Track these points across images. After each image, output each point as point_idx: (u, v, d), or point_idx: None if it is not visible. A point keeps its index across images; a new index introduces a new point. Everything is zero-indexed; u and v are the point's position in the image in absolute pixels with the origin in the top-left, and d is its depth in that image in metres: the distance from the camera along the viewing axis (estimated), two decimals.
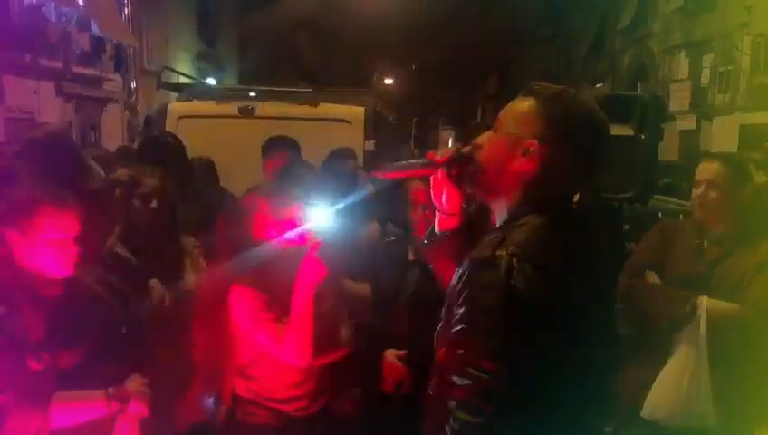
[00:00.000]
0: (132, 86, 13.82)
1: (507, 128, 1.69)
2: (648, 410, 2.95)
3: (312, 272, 2.48)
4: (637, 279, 3.08)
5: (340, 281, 2.77)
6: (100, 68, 12.84)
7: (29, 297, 2.12)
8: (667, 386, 2.91)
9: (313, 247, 2.46)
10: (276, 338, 2.54)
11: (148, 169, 3.14)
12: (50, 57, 10.97)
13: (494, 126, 1.74)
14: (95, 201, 2.71)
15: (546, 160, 1.63)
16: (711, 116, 10.56)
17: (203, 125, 6.00)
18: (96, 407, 2.23)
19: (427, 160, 1.82)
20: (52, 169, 2.78)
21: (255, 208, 2.64)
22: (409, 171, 1.92)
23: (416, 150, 11.46)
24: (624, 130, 6.51)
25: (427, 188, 1.87)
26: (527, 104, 1.68)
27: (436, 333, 1.70)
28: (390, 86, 25.94)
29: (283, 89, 6.79)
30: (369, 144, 5.90)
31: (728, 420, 2.79)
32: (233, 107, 6.02)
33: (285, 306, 2.53)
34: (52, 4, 10.58)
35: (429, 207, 1.95)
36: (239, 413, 2.73)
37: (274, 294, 2.58)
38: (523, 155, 1.64)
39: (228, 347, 2.75)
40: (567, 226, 1.67)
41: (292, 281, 2.52)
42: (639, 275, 3.09)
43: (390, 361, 3.17)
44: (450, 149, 1.81)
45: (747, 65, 9.66)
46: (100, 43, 12.64)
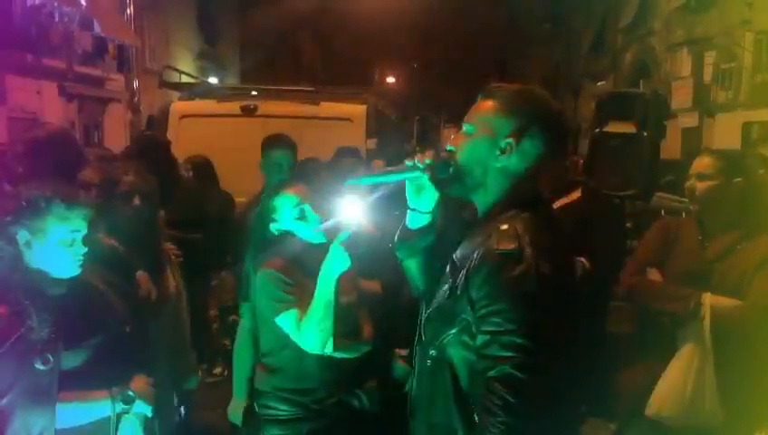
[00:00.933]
0: (135, 86, 13.83)
1: (481, 130, 1.84)
2: (653, 408, 2.94)
3: (338, 262, 2.51)
4: (639, 277, 3.08)
5: (356, 277, 2.80)
6: (102, 68, 12.87)
7: (36, 297, 2.13)
8: (672, 385, 2.89)
9: (340, 238, 2.49)
10: (297, 323, 2.58)
11: (130, 168, 3.16)
12: (52, 57, 10.99)
13: (462, 130, 1.89)
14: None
15: (526, 154, 1.82)
16: (713, 113, 10.55)
17: (205, 124, 6.02)
18: (100, 407, 2.24)
19: (408, 165, 1.90)
20: (55, 168, 2.78)
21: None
22: (393, 175, 1.97)
23: (417, 148, 11.46)
24: (626, 128, 6.53)
25: None
26: (495, 105, 1.85)
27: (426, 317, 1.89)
28: (392, 84, 25.94)
29: (284, 87, 6.80)
30: (371, 142, 5.91)
31: (732, 418, 2.78)
32: (235, 106, 6.03)
33: (309, 294, 2.57)
34: (55, 5, 10.59)
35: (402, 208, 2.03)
36: (257, 406, 2.76)
37: (301, 282, 2.62)
38: (502, 153, 1.82)
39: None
40: (547, 213, 1.92)
41: (317, 269, 2.56)
42: (641, 272, 3.09)
43: (396, 361, 3.19)
44: (429, 153, 1.90)
45: (749, 62, 9.65)
46: (103, 42, 12.67)
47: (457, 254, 1.84)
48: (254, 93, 6.53)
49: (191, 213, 4.55)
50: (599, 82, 15.94)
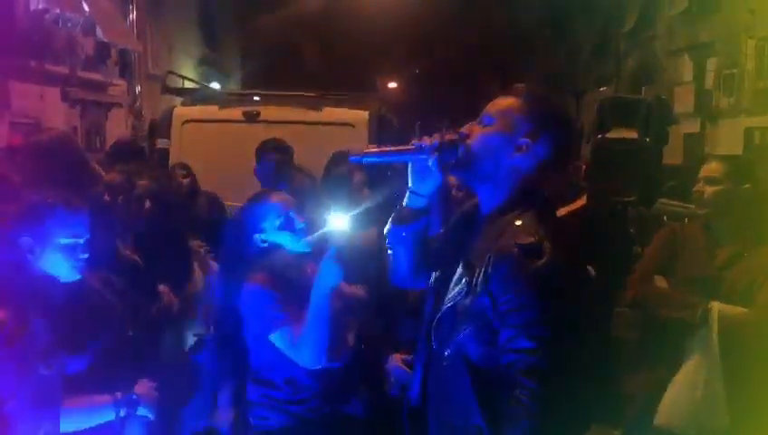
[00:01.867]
0: (137, 91, 13.87)
1: (500, 124, 1.87)
2: (662, 418, 2.91)
3: (331, 276, 2.48)
4: (646, 284, 3.06)
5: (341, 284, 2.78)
6: (104, 73, 12.88)
7: (40, 302, 2.13)
8: (681, 394, 2.86)
9: (330, 251, 2.48)
10: (291, 340, 2.55)
11: (141, 170, 3.16)
12: (55, 62, 11.01)
13: (480, 119, 1.91)
14: (99, 205, 2.72)
15: (538, 157, 1.86)
16: (715, 119, 10.55)
17: (207, 129, 6.02)
18: (104, 412, 2.24)
19: (415, 145, 1.90)
20: (57, 173, 2.78)
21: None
22: (397, 155, 1.98)
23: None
24: (628, 133, 6.55)
25: None
26: (518, 104, 1.89)
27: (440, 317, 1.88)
28: (394, 90, 25.97)
29: (287, 93, 6.80)
30: (373, 148, 5.91)
31: (741, 427, 2.76)
32: (237, 111, 6.03)
33: (300, 309, 2.54)
34: (58, 10, 10.62)
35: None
36: (251, 418, 2.72)
37: (289, 296, 2.58)
38: (517, 151, 1.85)
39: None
40: (553, 212, 2.00)
41: (307, 283, 2.53)
42: (648, 279, 3.07)
43: (396, 365, 3.17)
44: (436, 135, 1.90)
45: (751, 68, 9.66)
46: (105, 48, 12.68)
47: (471, 253, 1.84)
48: (256, 99, 6.53)
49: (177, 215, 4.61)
50: (601, 88, 15.94)
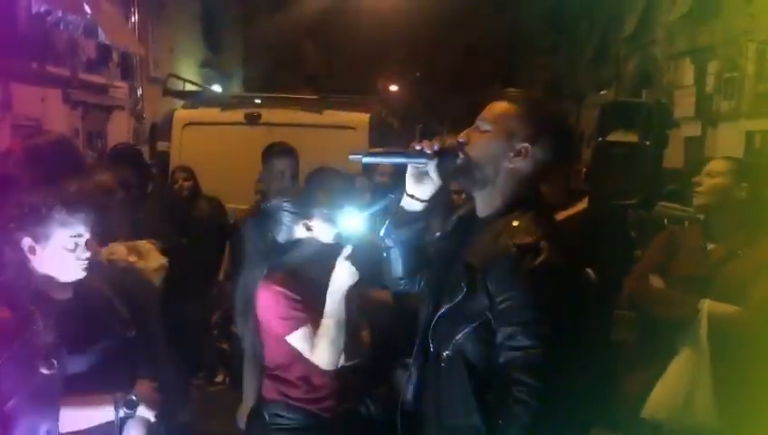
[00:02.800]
0: (138, 93, 13.88)
1: (498, 129, 1.90)
2: (649, 409, 2.97)
3: (346, 276, 2.50)
4: (641, 282, 3.10)
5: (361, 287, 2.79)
6: (106, 75, 12.89)
7: (41, 302, 2.14)
8: (668, 386, 2.93)
9: (346, 251, 2.49)
10: (309, 340, 2.56)
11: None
12: (57, 65, 11.03)
13: (477, 124, 1.93)
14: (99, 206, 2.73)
15: (536, 159, 1.90)
16: (716, 122, 10.55)
17: (209, 132, 6.05)
18: (104, 412, 2.24)
19: (417, 149, 1.91)
20: (56, 175, 2.79)
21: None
22: (399, 159, 1.99)
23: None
24: (629, 137, 6.54)
25: None
26: (514, 109, 1.91)
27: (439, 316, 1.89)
28: (395, 93, 25.99)
29: (288, 96, 6.82)
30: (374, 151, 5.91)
31: (729, 421, 2.80)
32: (238, 114, 6.06)
33: (317, 309, 2.55)
34: (59, 13, 10.64)
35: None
36: (267, 416, 2.74)
37: (306, 297, 2.60)
38: (516, 155, 1.89)
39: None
40: (550, 214, 2.03)
41: (323, 284, 2.54)
42: (644, 278, 3.10)
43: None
44: (437, 140, 1.91)
45: (752, 72, 9.66)
46: (107, 50, 12.69)
47: (469, 254, 1.85)
48: (257, 101, 6.55)
49: (178, 217, 4.64)
50: (601, 92, 15.94)
